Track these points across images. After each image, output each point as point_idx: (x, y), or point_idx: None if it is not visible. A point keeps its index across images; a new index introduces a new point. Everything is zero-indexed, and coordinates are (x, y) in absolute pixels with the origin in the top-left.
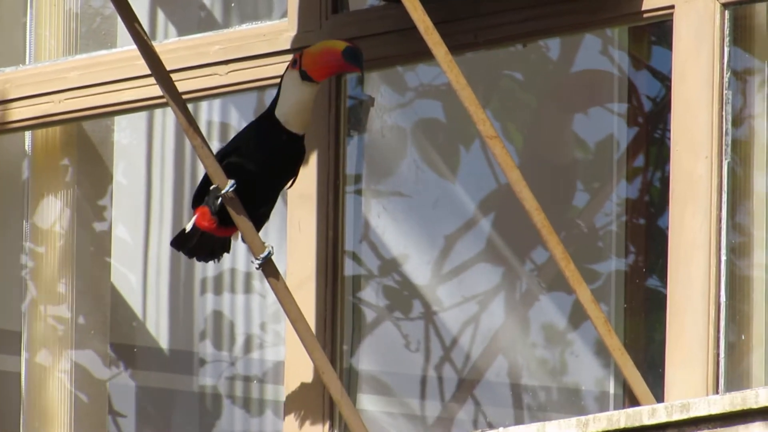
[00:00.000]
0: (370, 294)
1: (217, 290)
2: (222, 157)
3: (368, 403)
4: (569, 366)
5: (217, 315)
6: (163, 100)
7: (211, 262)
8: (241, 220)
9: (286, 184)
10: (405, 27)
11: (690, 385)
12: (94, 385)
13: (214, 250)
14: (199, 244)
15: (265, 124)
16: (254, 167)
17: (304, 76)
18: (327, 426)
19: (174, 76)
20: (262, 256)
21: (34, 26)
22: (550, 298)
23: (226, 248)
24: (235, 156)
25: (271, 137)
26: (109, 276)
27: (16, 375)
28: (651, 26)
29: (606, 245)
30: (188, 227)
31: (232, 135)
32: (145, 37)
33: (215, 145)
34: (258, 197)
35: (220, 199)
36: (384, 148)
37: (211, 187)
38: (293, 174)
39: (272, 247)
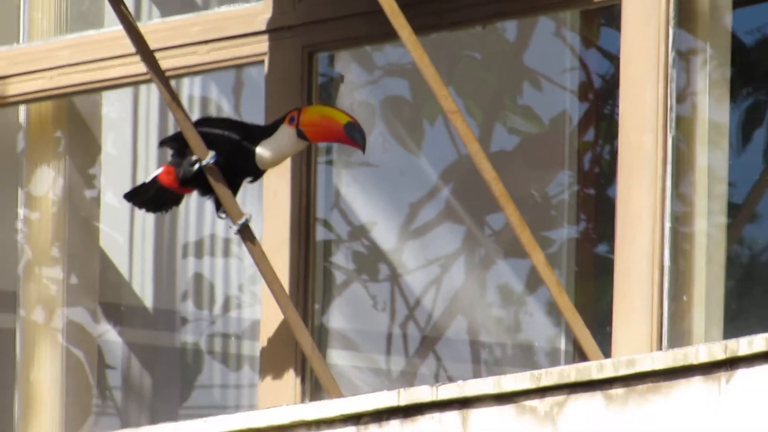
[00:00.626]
0: (339, 258)
1: (198, 254)
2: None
3: (338, 358)
4: (523, 324)
5: (198, 277)
6: (148, 77)
7: (193, 228)
8: (220, 188)
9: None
10: (373, 9)
11: (635, 343)
12: (84, 340)
13: (164, 203)
14: (153, 197)
15: (243, 148)
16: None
17: (300, 135)
18: (299, 379)
19: (157, 55)
20: (240, 222)
21: (28, 8)
22: (506, 262)
23: (177, 203)
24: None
25: (239, 160)
26: (98, 240)
27: (12, 331)
28: (601, 9)
29: (559, 214)
30: (148, 179)
31: (211, 109)
32: (131, 18)
33: (196, 118)
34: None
35: (197, 165)
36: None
37: (193, 157)
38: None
39: (250, 215)
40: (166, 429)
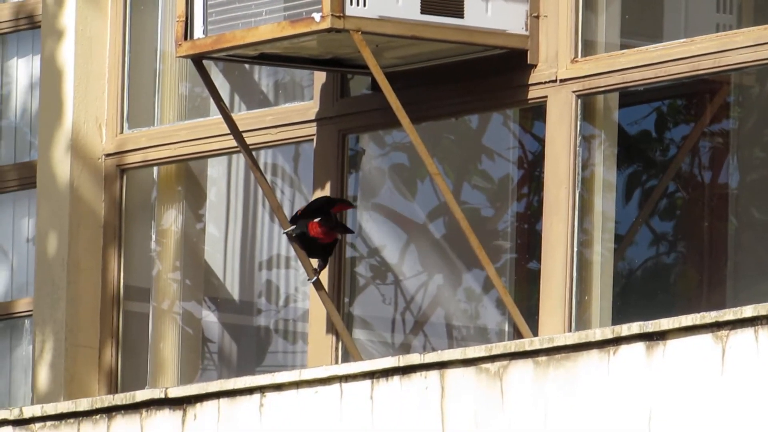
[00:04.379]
0: (361, 269)
1: (269, 266)
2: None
3: (359, 335)
4: (481, 314)
5: (268, 282)
6: (237, 149)
7: (266, 247)
8: (296, 248)
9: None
10: (385, 107)
11: (554, 327)
12: (194, 322)
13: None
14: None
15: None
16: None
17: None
18: (334, 348)
19: (244, 135)
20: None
21: (160, 102)
22: (470, 272)
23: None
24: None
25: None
26: (203, 256)
27: (147, 315)
28: (534, 108)
29: (504, 240)
30: (295, 231)
31: (279, 172)
32: (227, 111)
33: (269, 177)
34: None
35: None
36: (371, 180)
37: (283, 231)
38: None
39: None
40: (248, 380)
